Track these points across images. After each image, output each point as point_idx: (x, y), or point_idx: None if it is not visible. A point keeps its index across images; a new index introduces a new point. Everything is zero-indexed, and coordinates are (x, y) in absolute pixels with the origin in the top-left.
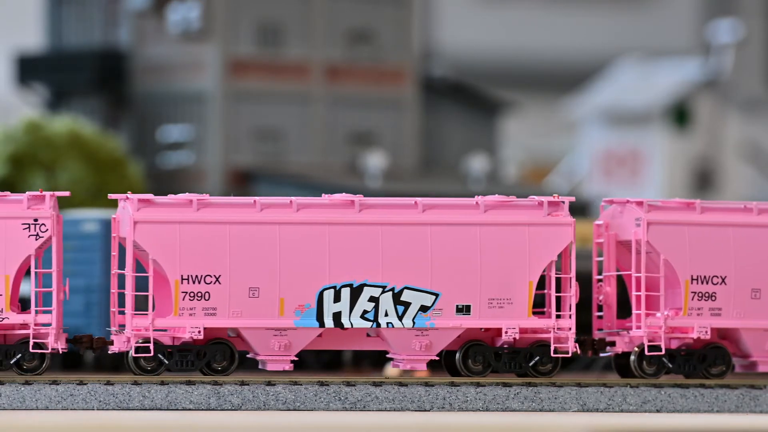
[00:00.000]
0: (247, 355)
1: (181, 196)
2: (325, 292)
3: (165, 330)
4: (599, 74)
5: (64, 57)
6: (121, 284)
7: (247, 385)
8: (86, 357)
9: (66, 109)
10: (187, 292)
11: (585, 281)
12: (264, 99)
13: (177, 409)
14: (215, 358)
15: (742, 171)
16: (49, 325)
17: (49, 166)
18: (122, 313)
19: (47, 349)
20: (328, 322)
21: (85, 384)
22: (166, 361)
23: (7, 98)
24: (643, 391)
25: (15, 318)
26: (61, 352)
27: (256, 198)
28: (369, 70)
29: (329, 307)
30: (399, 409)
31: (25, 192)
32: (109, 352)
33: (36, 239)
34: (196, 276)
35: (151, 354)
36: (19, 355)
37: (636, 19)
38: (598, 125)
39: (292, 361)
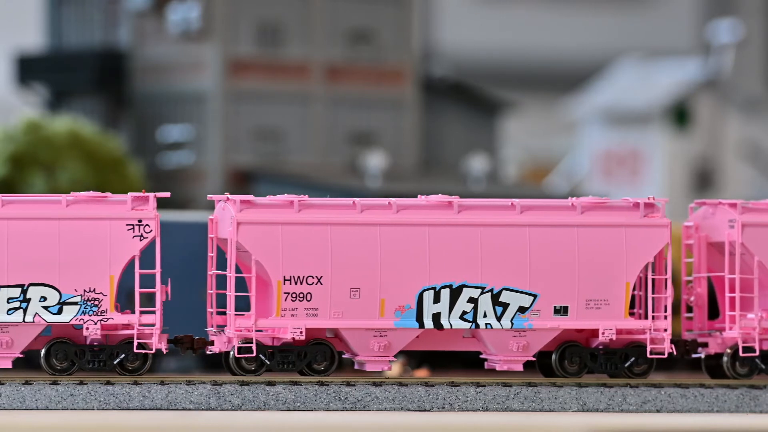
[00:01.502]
0: (344, 355)
1: (280, 197)
2: (425, 293)
3: (260, 331)
4: (599, 74)
5: (64, 57)
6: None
7: (247, 385)
8: None
9: (66, 109)
10: (289, 293)
11: None
12: (264, 99)
13: (177, 409)
14: (316, 359)
15: (742, 171)
16: (152, 325)
17: (49, 166)
18: (220, 314)
19: (150, 349)
20: (428, 323)
21: (85, 384)
22: (268, 362)
23: (7, 98)
24: (643, 391)
25: (119, 318)
26: (165, 353)
27: (356, 199)
28: (369, 70)
29: (429, 308)
30: (399, 409)
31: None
32: (209, 352)
33: (140, 240)
34: (299, 277)
35: (254, 355)
36: (123, 355)
37: (636, 19)
38: (598, 125)
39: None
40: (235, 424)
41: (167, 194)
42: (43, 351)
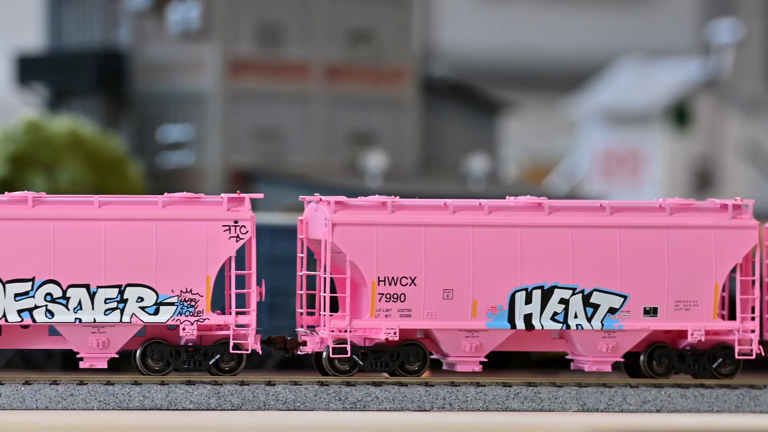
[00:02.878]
0: (432, 356)
1: (372, 198)
2: (517, 294)
3: (350, 331)
4: (599, 74)
5: (64, 57)
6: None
7: (247, 385)
8: None
9: (66, 109)
10: (383, 294)
11: None
12: (264, 99)
13: (177, 409)
14: (409, 360)
15: (742, 171)
16: (247, 326)
17: (49, 166)
18: (310, 314)
19: (246, 349)
20: (519, 323)
21: (85, 384)
22: (361, 362)
23: (7, 98)
24: (643, 391)
25: (215, 319)
26: (260, 354)
27: (447, 200)
28: (369, 70)
29: (520, 309)
30: (399, 409)
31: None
32: (301, 352)
33: (236, 241)
34: (393, 278)
35: (348, 355)
36: (218, 355)
37: (636, 19)
38: (598, 125)
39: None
40: (235, 424)
41: (260, 195)
42: (138, 351)
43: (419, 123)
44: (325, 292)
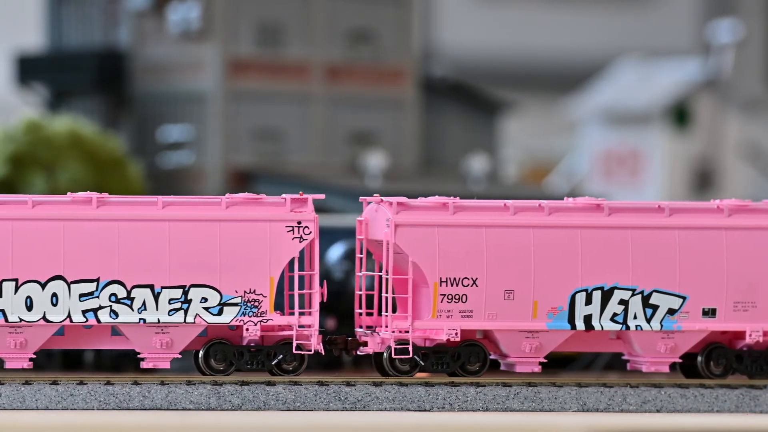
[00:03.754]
0: (491, 356)
1: (433, 199)
2: (577, 295)
3: (407, 332)
4: (599, 74)
5: (64, 57)
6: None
7: (247, 385)
8: (86, 357)
9: (66, 109)
10: (445, 295)
11: None
12: (264, 99)
13: (177, 409)
14: (470, 360)
15: (742, 171)
16: (310, 326)
17: (49, 166)
18: (369, 314)
19: (309, 350)
20: (579, 324)
21: (85, 384)
22: (422, 363)
23: (7, 98)
24: (643, 391)
25: (279, 319)
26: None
27: (507, 201)
28: (369, 70)
29: (581, 310)
30: (399, 409)
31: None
32: (361, 353)
33: (300, 242)
34: (455, 278)
35: (410, 356)
36: (281, 356)
37: (636, 19)
38: (598, 125)
39: None
40: (235, 424)
41: (322, 196)
42: (201, 352)
43: (419, 123)
44: (387, 293)
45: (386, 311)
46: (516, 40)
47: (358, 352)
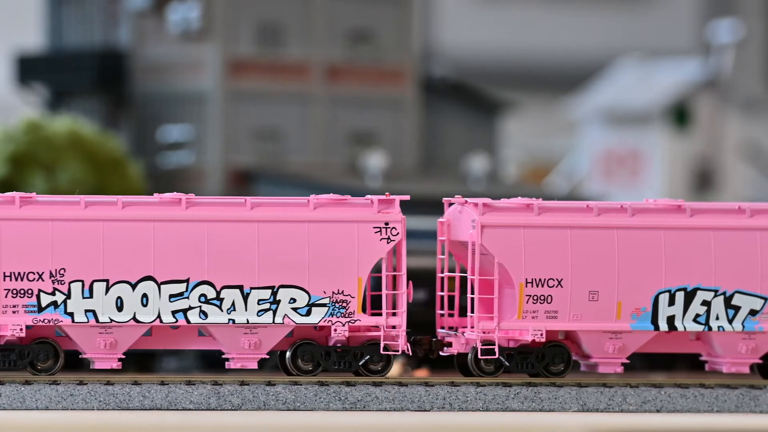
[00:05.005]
0: (573, 357)
1: (516, 200)
2: (661, 296)
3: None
4: (599, 74)
5: (64, 57)
6: (450, 287)
7: (247, 385)
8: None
9: (66, 109)
10: (530, 296)
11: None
12: (264, 99)
13: (177, 409)
14: (554, 361)
15: (742, 171)
16: (398, 327)
17: (49, 166)
18: (451, 315)
19: (396, 350)
20: (663, 325)
21: (85, 384)
22: (507, 363)
23: (7, 98)
24: (643, 391)
25: (367, 320)
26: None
27: (590, 203)
28: (369, 70)
29: (664, 311)
30: (399, 409)
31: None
32: (445, 353)
33: (387, 242)
34: (540, 279)
35: (496, 356)
36: (368, 356)
37: (636, 19)
38: (598, 125)
39: None
40: (235, 424)
41: (407, 197)
42: (289, 352)
43: (419, 123)
44: (472, 294)
45: (472, 312)
46: (516, 40)
47: (441, 353)
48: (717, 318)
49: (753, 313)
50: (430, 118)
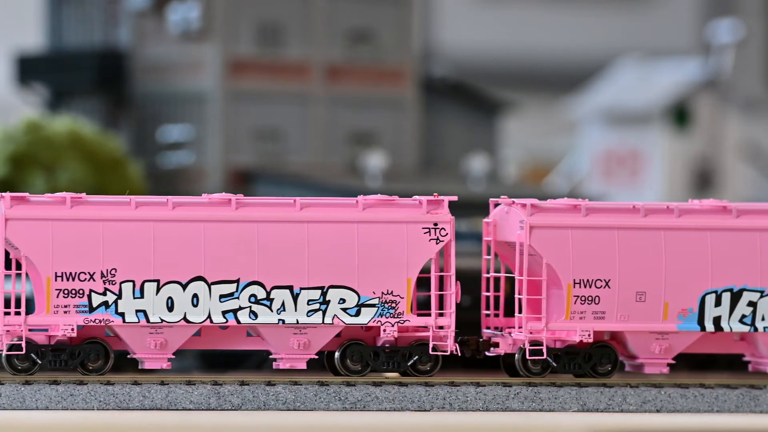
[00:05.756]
0: (620, 358)
1: (563, 200)
2: (707, 297)
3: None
4: (599, 74)
5: (64, 57)
6: (495, 287)
7: (247, 385)
8: None
9: (66, 109)
10: (578, 296)
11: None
12: (264, 99)
13: (177, 409)
14: (601, 361)
15: (742, 171)
16: (447, 327)
17: (49, 166)
18: (489, 315)
19: (444, 351)
20: (709, 326)
21: (85, 384)
22: (555, 364)
23: (7, 98)
24: (643, 391)
25: (416, 320)
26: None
27: (636, 203)
28: (369, 70)
29: (710, 312)
30: (399, 409)
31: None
32: (492, 353)
33: (436, 243)
34: (588, 280)
35: (544, 357)
36: (416, 357)
37: (636, 19)
38: (598, 125)
39: None
40: (235, 424)
41: (454, 198)
42: (338, 353)
43: (419, 123)
44: (520, 294)
45: (519, 312)
46: (516, 40)
47: (488, 353)
48: (763, 318)
49: None
50: (430, 118)
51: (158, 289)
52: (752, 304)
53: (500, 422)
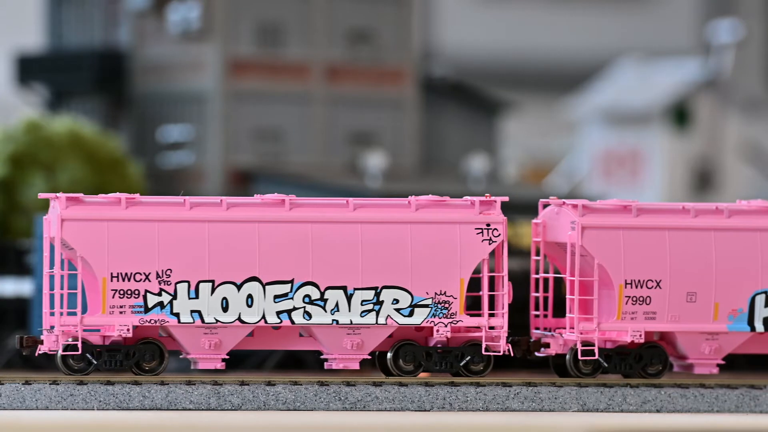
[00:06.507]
0: (671, 359)
1: (613, 201)
2: (757, 297)
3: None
4: (599, 74)
5: (64, 57)
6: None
7: (247, 385)
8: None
9: (66, 109)
10: (630, 297)
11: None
12: (264, 99)
13: (177, 409)
14: (651, 362)
15: (742, 171)
16: (499, 328)
17: (49, 166)
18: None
19: (497, 351)
20: (759, 326)
21: (85, 384)
22: (606, 365)
23: (7, 98)
24: (643, 391)
25: (468, 321)
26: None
27: (687, 204)
28: (369, 70)
29: (760, 312)
30: (399, 409)
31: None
32: (542, 354)
33: (489, 244)
34: (639, 281)
35: (595, 357)
36: (469, 357)
37: (636, 19)
38: (598, 125)
39: None
40: (235, 424)
41: (506, 198)
42: (390, 353)
43: (419, 123)
44: (571, 295)
45: (571, 313)
46: (516, 40)
47: (539, 354)
48: None
49: None
50: (430, 118)
51: (213, 290)
52: None
53: (500, 422)
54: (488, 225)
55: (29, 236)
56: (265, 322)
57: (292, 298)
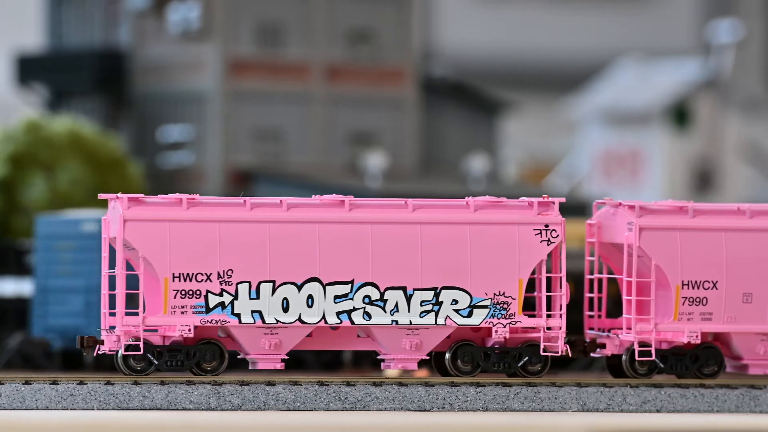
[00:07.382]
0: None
1: (668, 202)
2: None
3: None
4: (599, 74)
5: (64, 57)
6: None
7: (247, 385)
8: (86, 357)
9: (66, 109)
10: (686, 297)
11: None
12: (264, 99)
13: (177, 409)
14: (707, 363)
15: (742, 171)
16: (557, 328)
17: (49, 166)
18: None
19: (555, 352)
20: None
21: (85, 384)
22: (662, 365)
23: (7, 98)
24: (643, 391)
25: (527, 321)
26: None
27: (742, 205)
28: (369, 70)
29: None
30: (399, 409)
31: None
32: (598, 354)
33: (548, 245)
34: (696, 282)
35: (652, 358)
36: (527, 358)
37: (636, 19)
38: (598, 125)
39: None
40: (235, 424)
41: (563, 199)
42: (449, 354)
43: (419, 123)
44: (632, 295)
45: (628, 313)
46: (516, 40)
47: (594, 354)
48: None
49: None
50: (430, 118)
51: (274, 290)
52: None
53: (500, 422)
54: (547, 226)
55: (29, 236)
56: (326, 322)
57: (352, 299)
